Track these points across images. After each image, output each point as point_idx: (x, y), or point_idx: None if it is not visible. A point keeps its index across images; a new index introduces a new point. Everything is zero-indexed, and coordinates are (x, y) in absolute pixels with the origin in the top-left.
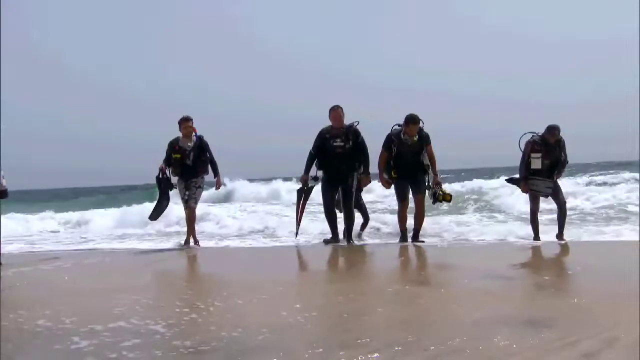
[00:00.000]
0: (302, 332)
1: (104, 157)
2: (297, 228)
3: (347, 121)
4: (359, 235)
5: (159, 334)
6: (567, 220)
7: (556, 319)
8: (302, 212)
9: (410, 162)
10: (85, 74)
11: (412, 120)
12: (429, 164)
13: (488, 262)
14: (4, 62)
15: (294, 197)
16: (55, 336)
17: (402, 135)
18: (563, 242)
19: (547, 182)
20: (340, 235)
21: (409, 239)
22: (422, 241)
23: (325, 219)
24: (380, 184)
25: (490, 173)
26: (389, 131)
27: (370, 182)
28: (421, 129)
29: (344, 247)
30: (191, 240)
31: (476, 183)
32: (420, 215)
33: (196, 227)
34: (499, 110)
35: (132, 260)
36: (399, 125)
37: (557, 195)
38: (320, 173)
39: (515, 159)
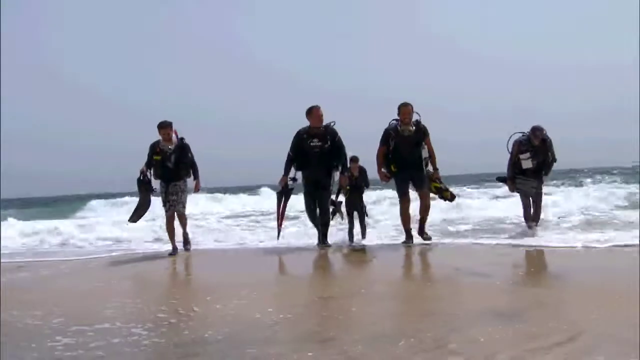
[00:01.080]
0: (280, 330)
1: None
2: (279, 231)
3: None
4: (350, 238)
5: (136, 335)
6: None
7: (528, 313)
8: (282, 214)
9: (409, 155)
10: (83, 84)
11: (403, 104)
12: (427, 157)
13: (470, 261)
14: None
15: None
16: (38, 334)
17: (398, 128)
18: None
19: (532, 182)
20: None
21: (411, 238)
22: (429, 237)
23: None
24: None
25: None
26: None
27: (347, 181)
28: (418, 122)
29: (327, 249)
30: (178, 244)
31: None
32: (425, 207)
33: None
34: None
35: (125, 265)
36: (396, 120)
37: (536, 201)
38: (299, 175)
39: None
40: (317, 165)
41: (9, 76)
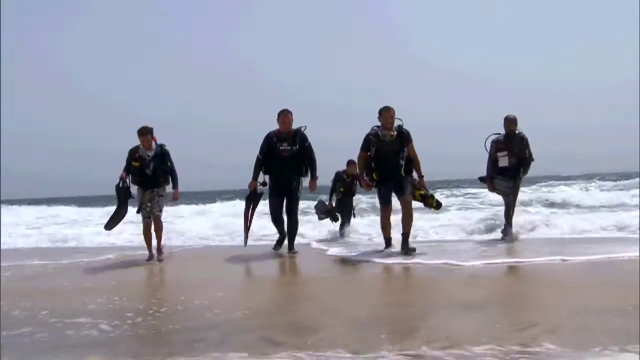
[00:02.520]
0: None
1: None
2: (246, 236)
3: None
4: (341, 235)
5: (98, 330)
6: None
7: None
8: (250, 219)
9: (391, 161)
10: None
11: (384, 108)
12: (409, 165)
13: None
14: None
15: None
16: (10, 325)
17: (379, 132)
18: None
19: (509, 182)
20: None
21: (391, 246)
22: (413, 248)
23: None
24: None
25: None
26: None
27: (316, 186)
28: (400, 127)
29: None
30: (154, 252)
31: None
32: (407, 217)
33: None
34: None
35: (118, 267)
36: (377, 126)
37: (511, 202)
38: (267, 178)
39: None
40: (286, 170)
41: None
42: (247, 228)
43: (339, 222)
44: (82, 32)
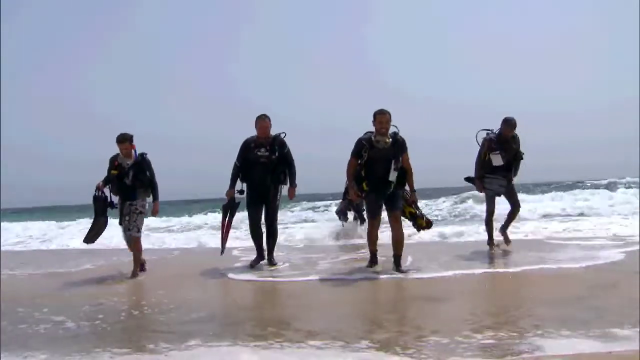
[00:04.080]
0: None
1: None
2: (223, 246)
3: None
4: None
5: (87, 329)
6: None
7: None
8: (228, 229)
9: (383, 170)
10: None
11: (379, 112)
12: (402, 177)
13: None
14: None
15: None
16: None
17: (372, 138)
18: (503, 238)
19: (500, 180)
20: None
21: (375, 264)
22: (405, 271)
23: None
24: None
25: None
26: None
27: (295, 194)
28: (396, 134)
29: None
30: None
31: None
32: (398, 237)
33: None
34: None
35: (119, 271)
36: (371, 132)
37: (512, 197)
38: (245, 186)
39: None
40: (264, 176)
41: None
42: (224, 237)
43: (349, 221)
44: (85, 47)
